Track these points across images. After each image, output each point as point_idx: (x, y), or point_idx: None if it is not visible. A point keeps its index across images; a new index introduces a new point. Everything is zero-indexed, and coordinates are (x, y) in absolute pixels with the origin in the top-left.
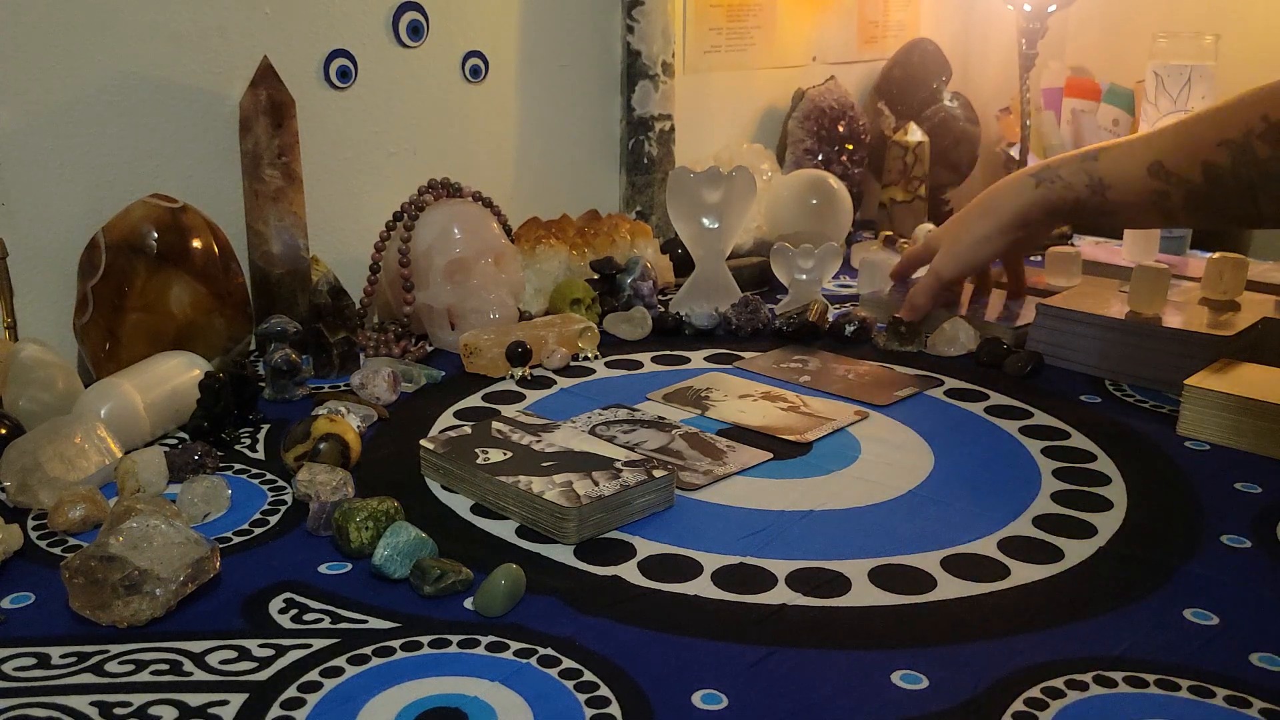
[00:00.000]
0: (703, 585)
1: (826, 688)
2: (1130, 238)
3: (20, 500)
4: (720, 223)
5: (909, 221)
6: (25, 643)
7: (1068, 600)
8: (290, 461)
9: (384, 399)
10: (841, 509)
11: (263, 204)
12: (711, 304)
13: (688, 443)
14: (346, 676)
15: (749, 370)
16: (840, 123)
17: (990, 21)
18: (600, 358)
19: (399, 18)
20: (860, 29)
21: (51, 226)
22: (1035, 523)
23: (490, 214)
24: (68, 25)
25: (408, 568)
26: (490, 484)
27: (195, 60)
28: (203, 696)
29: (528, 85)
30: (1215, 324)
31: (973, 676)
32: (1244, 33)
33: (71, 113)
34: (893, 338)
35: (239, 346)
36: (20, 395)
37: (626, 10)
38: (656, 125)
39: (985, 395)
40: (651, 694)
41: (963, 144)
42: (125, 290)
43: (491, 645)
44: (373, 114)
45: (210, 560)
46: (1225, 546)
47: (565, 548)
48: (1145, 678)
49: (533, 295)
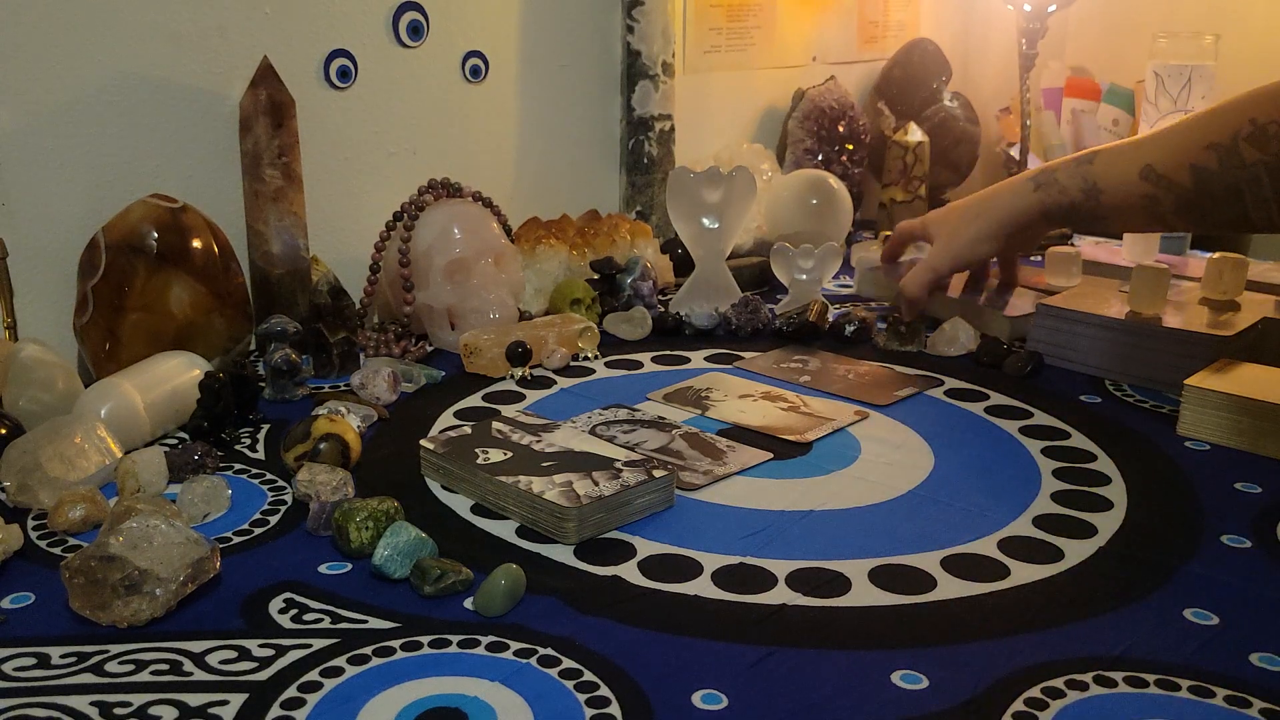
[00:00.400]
0: (703, 585)
1: (826, 688)
2: (1130, 238)
3: (20, 500)
4: (720, 223)
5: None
6: (25, 643)
7: (1068, 600)
8: (290, 461)
9: (384, 399)
10: (841, 509)
11: (263, 204)
12: (711, 304)
13: (688, 443)
14: (346, 676)
15: (749, 370)
16: (840, 123)
17: (990, 21)
18: (600, 358)
19: (399, 18)
20: (860, 29)
21: (51, 226)
22: (1035, 523)
23: (490, 214)
24: (68, 25)
25: (408, 568)
26: (490, 484)
27: (195, 60)
28: (203, 696)
29: (528, 85)
30: (1215, 324)
31: (973, 676)
32: (1244, 33)
33: (71, 113)
34: (893, 338)
35: (239, 346)
36: (20, 395)
37: (626, 10)
38: (656, 125)
39: (985, 395)
40: (651, 694)
41: (963, 144)
42: (125, 290)
43: (491, 645)
44: (373, 114)
45: (210, 560)
46: (1225, 546)
47: (565, 548)
48: (1145, 678)
49: (533, 295)
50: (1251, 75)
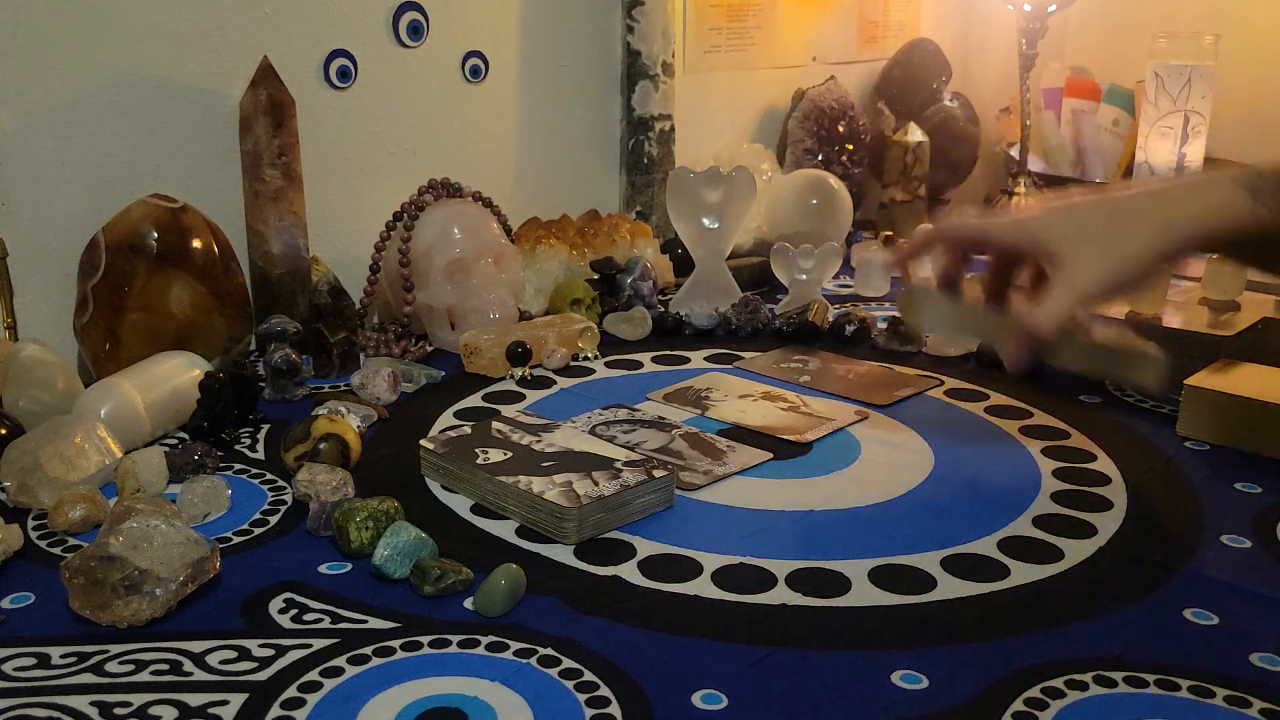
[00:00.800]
0: (703, 585)
1: (826, 688)
2: None
3: (20, 500)
4: (720, 223)
5: (909, 221)
6: (25, 643)
7: (1068, 600)
8: (290, 461)
9: (384, 399)
10: (841, 509)
11: (263, 204)
12: (711, 304)
13: (688, 443)
14: (346, 676)
15: (749, 370)
16: (840, 123)
17: (990, 21)
18: (600, 358)
19: (399, 18)
20: (860, 29)
21: (51, 226)
22: (1035, 523)
23: (490, 214)
24: (68, 25)
25: (408, 568)
26: (490, 484)
27: (195, 60)
28: (203, 696)
29: (528, 85)
30: (1215, 324)
31: (973, 676)
32: (1244, 33)
33: (71, 113)
34: (893, 338)
35: (239, 346)
36: (20, 395)
37: (626, 10)
38: (656, 125)
39: (985, 395)
40: (651, 694)
41: (963, 144)
42: (125, 290)
43: (491, 645)
44: (373, 114)
45: (210, 560)
46: (1225, 546)
47: (565, 548)
48: (1145, 678)
49: (533, 295)
50: (1251, 75)
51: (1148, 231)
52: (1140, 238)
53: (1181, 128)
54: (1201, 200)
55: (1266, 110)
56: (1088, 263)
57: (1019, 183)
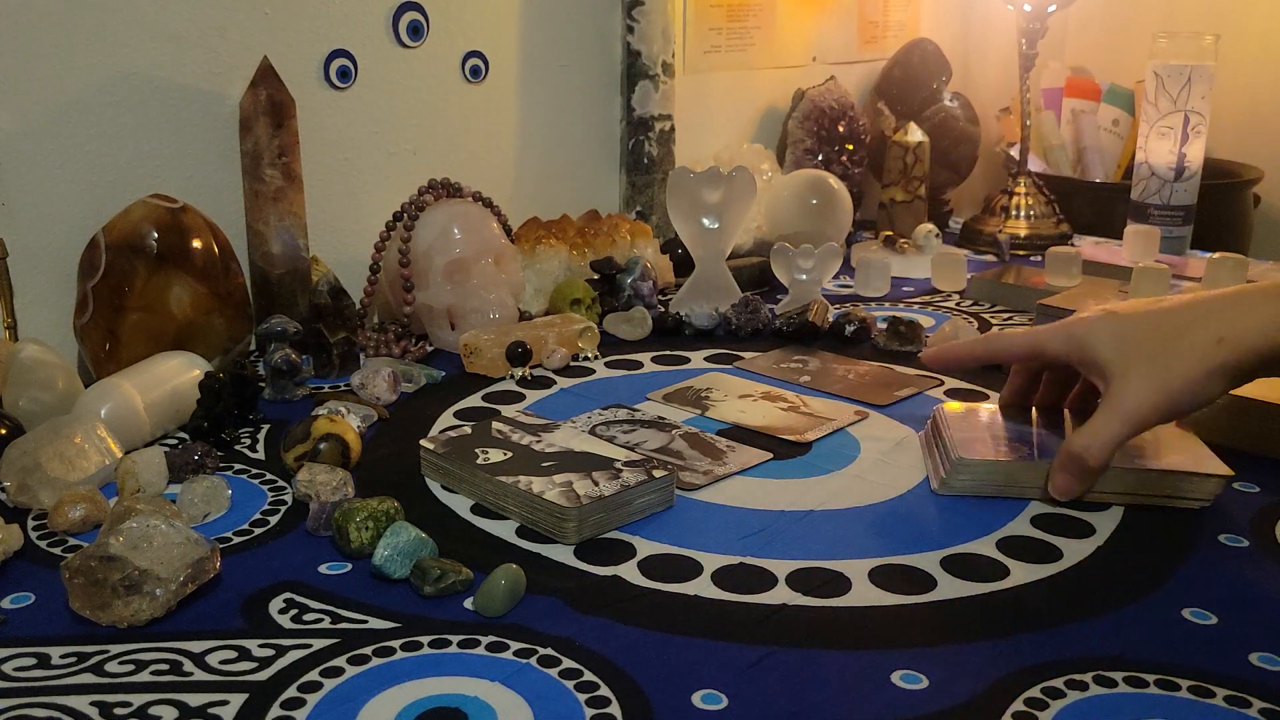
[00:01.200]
0: (703, 585)
1: (826, 688)
2: (1130, 238)
3: (20, 500)
4: (720, 223)
5: (909, 221)
6: (25, 643)
7: (1068, 600)
8: (290, 461)
9: (384, 399)
10: (841, 509)
11: (263, 204)
12: (711, 304)
13: (688, 443)
14: (346, 676)
15: (749, 370)
16: (840, 123)
17: (990, 21)
18: (600, 358)
19: (399, 18)
20: (860, 29)
21: (51, 226)
22: (1034, 523)
23: (490, 214)
24: (68, 25)
25: (408, 568)
26: (490, 484)
27: (195, 60)
28: (203, 696)
29: (528, 85)
30: None
31: (973, 676)
32: (1244, 33)
33: (71, 113)
34: (893, 338)
35: (239, 346)
36: (20, 395)
37: (626, 10)
38: (656, 125)
39: (985, 395)
40: (651, 694)
41: (963, 144)
42: (125, 290)
43: (491, 645)
44: (373, 114)
45: (210, 560)
46: (1224, 546)
47: (565, 548)
48: (1145, 678)
49: (533, 295)
50: (1252, 75)
51: (1200, 348)
52: (1192, 355)
53: (1181, 128)
54: (1256, 313)
55: (1266, 110)
56: (1139, 383)
57: (1019, 183)
